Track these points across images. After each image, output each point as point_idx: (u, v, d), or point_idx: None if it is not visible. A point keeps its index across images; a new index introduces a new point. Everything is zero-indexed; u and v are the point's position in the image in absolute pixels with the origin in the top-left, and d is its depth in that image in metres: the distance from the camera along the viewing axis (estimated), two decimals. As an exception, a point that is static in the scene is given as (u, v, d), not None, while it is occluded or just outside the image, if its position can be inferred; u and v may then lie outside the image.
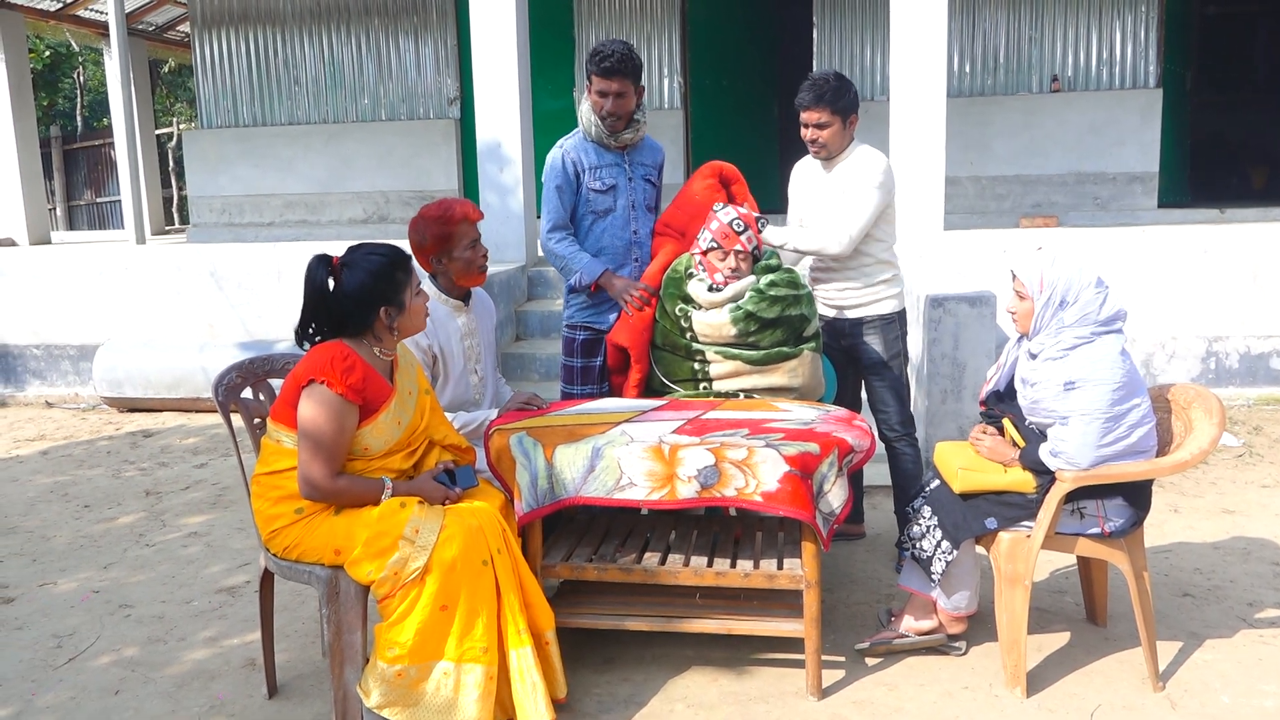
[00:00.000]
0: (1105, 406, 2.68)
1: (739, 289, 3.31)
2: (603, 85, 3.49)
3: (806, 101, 3.59)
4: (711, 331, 3.31)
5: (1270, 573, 3.60)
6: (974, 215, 8.99)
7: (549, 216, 3.64)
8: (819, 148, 3.64)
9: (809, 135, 3.63)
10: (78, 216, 17.69)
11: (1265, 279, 5.77)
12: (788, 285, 3.31)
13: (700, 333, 3.34)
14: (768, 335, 3.29)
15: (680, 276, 3.43)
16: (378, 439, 2.68)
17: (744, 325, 3.26)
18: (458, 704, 2.53)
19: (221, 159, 10.70)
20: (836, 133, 3.60)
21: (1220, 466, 4.80)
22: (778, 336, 3.30)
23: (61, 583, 3.84)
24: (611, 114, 3.53)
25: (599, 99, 3.51)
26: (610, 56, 3.46)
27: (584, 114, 3.60)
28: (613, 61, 3.46)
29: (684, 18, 9.67)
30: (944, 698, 2.84)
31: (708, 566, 2.91)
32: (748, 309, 3.25)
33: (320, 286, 2.67)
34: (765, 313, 3.25)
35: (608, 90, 3.50)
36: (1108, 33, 8.97)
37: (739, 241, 3.32)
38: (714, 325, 3.30)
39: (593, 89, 3.51)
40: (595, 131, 3.58)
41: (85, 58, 20.03)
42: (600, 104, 3.52)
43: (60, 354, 7.16)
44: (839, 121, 3.59)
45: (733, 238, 3.32)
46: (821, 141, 3.61)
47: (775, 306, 3.26)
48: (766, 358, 3.30)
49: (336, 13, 10.34)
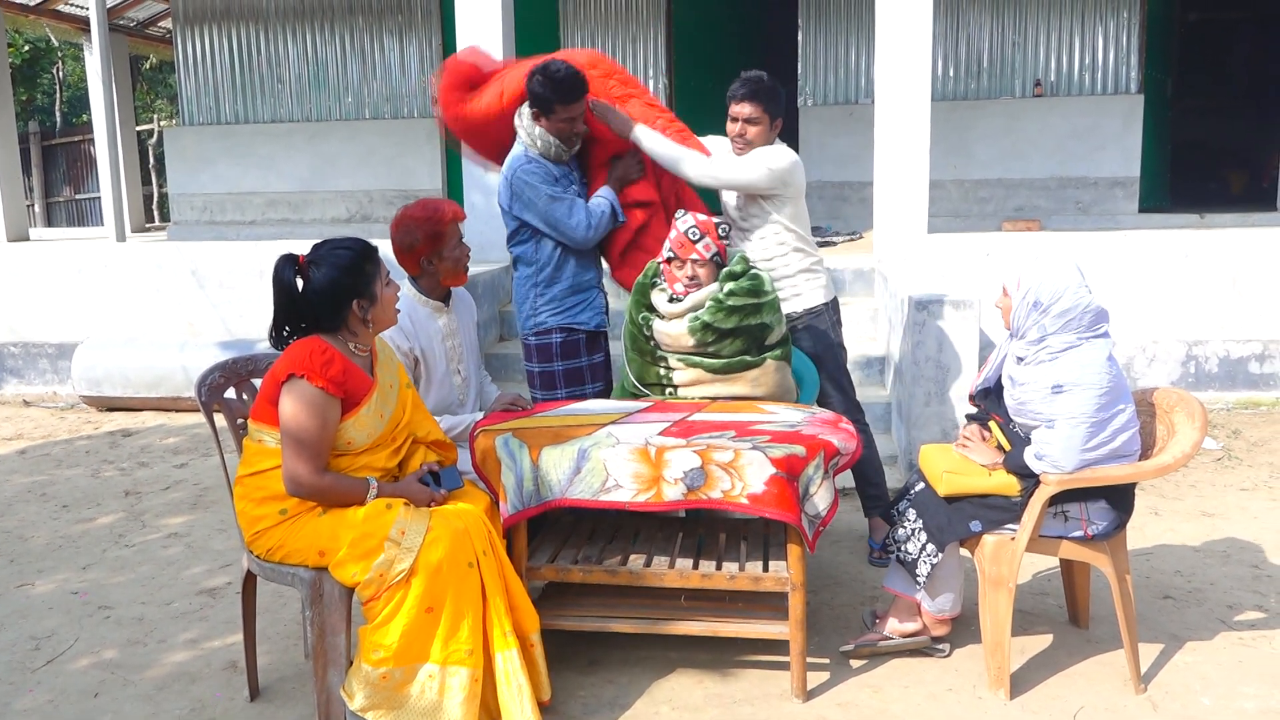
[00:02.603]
0: (1091, 411, 2.70)
1: (699, 299, 3.28)
2: (573, 110, 3.50)
3: (741, 94, 3.60)
4: (671, 341, 3.31)
5: (1249, 575, 3.64)
6: (957, 218, 9.05)
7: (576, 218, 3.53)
8: (744, 143, 3.65)
9: (737, 130, 3.65)
10: (56, 214, 17.53)
11: (1244, 284, 5.83)
12: (747, 294, 3.26)
13: (661, 341, 3.34)
14: (727, 345, 3.27)
15: (647, 283, 3.43)
16: (360, 432, 2.67)
17: (701, 335, 3.24)
18: (443, 706, 2.52)
19: (203, 156, 10.63)
20: (763, 132, 3.63)
21: (1200, 470, 4.83)
22: (738, 346, 3.28)
23: (39, 584, 3.80)
24: (577, 134, 3.59)
25: (567, 124, 3.52)
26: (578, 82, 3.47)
27: (536, 134, 3.55)
28: (581, 84, 3.48)
29: (669, 20, 9.68)
30: (928, 700, 2.85)
31: (693, 569, 2.91)
32: (704, 320, 3.23)
33: (289, 286, 2.65)
34: (722, 323, 3.23)
35: (577, 114, 3.53)
36: (1090, 38, 9.04)
37: (695, 250, 3.30)
38: (673, 335, 3.29)
39: (558, 116, 3.49)
40: (555, 150, 3.57)
41: (64, 53, 19.83)
42: (568, 128, 3.53)
43: (38, 352, 7.09)
44: (768, 121, 3.63)
45: (688, 246, 3.30)
46: (748, 137, 3.63)
47: (733, 317, 3.23)
48: (728, 366, 3.29)
49: (320, 11, 10.29)
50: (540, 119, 3.51)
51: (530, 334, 3.68)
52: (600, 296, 3.77)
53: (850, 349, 4.08)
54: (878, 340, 5.83)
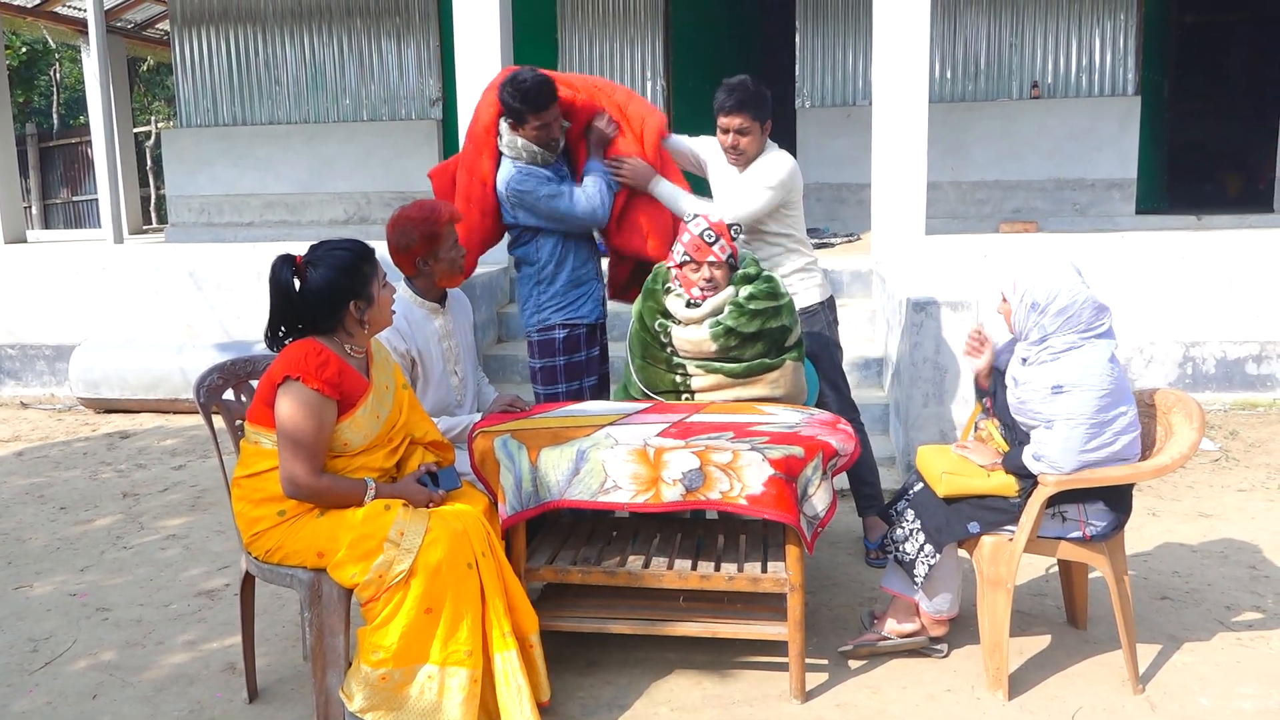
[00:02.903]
0: (1091, 412, 2.70)
1: (718, 303, 3.27)
2: (545, 117, 3.56)
3: (729, 106, 3.57)
4: (692, 347, 3.29)
5: (1247, 576, 3.64)
6: (954, 220, 9.06)
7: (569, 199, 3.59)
8: (738, 154, 3.65)
9: (730, 141, 3.63)
10: (54, 215, 17.50)
11: (1241, 285, 5.84)
12: (767, 297, 3.26)
13: (680, 348, 3.31)
14: (749, 349, 3.26)
15: (658, 289, 3.41)
16: (357, 433, 2.67)
17: (724, 341, 3.23)
18: (442, 707, 2.52)
19: (200, 158, 10.63)
20: (755, 139, 3.63)
21: (1197, 471, 4.84)
22: (759, 349, 3.28)
23: (37, 586, 3.80)
24: (557, 138, 3.64)
25: (542, 131, 3.58)
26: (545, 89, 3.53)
27: (518, 144, 3.60)
28: (549, 91, 3.54)
29: (667, 21, 9.69)
30: (927, 700, 2.85)
31: (692, 570, 2.91)
32: (728, 324, 3.21)
33: (286, 287, 2.66)
34: (745, 327, 3.22)
35: (551, 119, 3.58)
36: (1087, 40, 9.06)
37: (711, 253, 3.28)
38: (694, 341, 3.27)
39: (531, 125, 3.55)
40: (541, 157, 3.62)
41: (62, 55, 19.83)
42: (544, 134, 3.59)
43: (36, 354, 7.08)
44: (758, 128, 3.61)
45: (705, 249, 3.29)
46: (742, 148, 3.63)
47: (755, 320, 3.23)
48: (748, 370, 3.28)
49: (318, 13, 10.29)
50: (516, 129, 3.60)
51: (535, 330, 3.75)
52: (599, 288, 3.84)
53: (848, 350, 4.09)
54: (876, 341, 5.84)
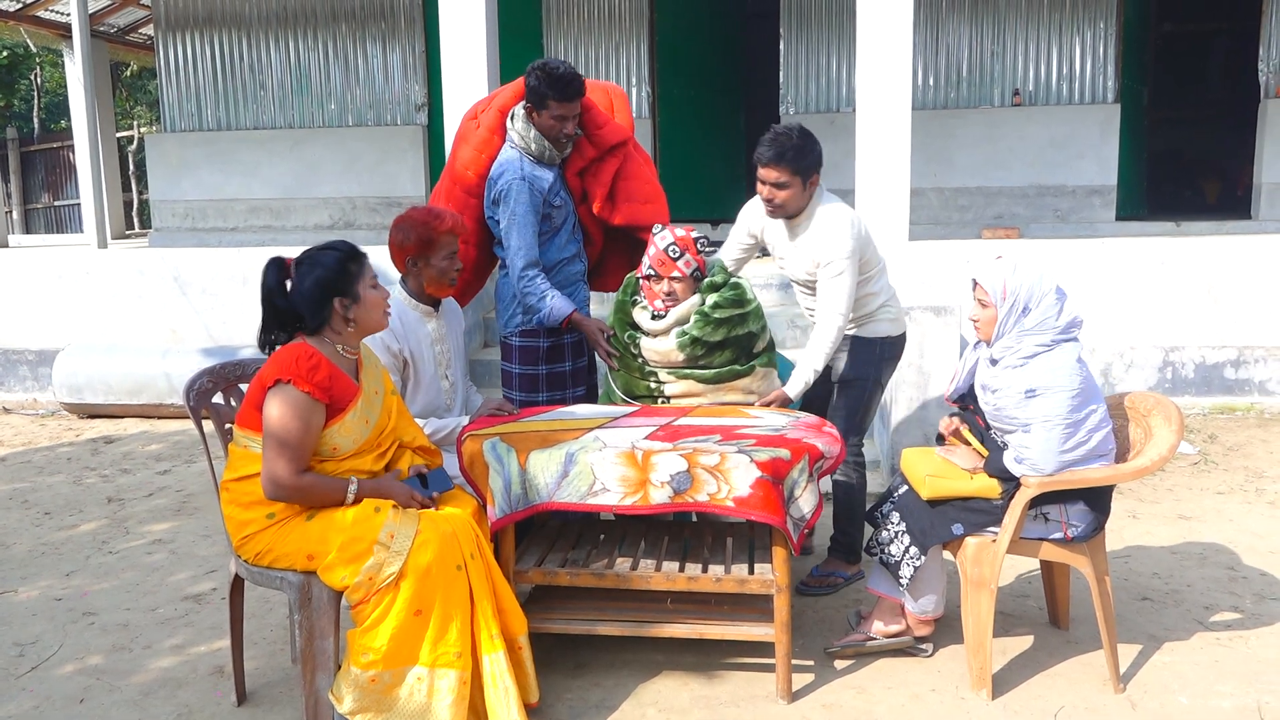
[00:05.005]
0: (1065, 413, 2.75)
1: (682, 313, 3.29)
2: (566, 110, 3.49)
3: (767, 158, 3.29)
4: (660, 358, 3.32)
5: (1225, 577, 3.69)
6: (937, 226, 9.11)
7: (524, 250, 3.50)
8: (775, 208, 3.37)
9: (765, 194, 3.35)
10: (35, 220, 17.36)
11: (1220, 291, 5.91)
12: (732, 305, 3.26)
13: (649, 359, 3.35)
14: (717, 356, 3.29)
15: (626, 301, 3.44)
16: (346, 438, 2.68)
17: (691, 350, 3.26)
18: (431, 709, 2.53)
19: (184, 163, 10.58)
20: (795, 195, 3.32)
21: (1177, 474, 4.90)
22: (727, 356, 3.31)
23: (22, 591, 3.78)
24: (570, 135, 3.56)
25: (558, 122, 3.50)
26: (574, 80, 3.47)
27: (530, 135, 3.53)
28: (578, 85, 3.48)
29: (652, 28, 9.73)
30: (912, 700, 2.88)
31: (679, 571, 2.93)
32: (693, 334, 3.24)
33: (276, 288, 2.69)
34: (711, 336, 3.25)
35: (570, 114, 3.51)
36: (1068, 48, 9.15)
37: (676, 268, 3.30)
38: (661, 352, 3.31)
39: (550, 112, 3.48)
40: (549, 154, 3.57)
41: (43, 59, 19.71)
42: (558, 126, 3.51)
43: (18, 359, 7.04)
44: (799, 183, 3.30)
45: (669, 264, 3.30)
46: (779, 202, 3.33)
47: (721, 329, 3.25)
48: (718, 377, 3.31)
49: (303, 17, 10.28)
50: (533, 114, 3.52)
51: (515, 334, 3.67)
52: (583, 290, 3.80)
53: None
54: (860, 346, 5.86)
